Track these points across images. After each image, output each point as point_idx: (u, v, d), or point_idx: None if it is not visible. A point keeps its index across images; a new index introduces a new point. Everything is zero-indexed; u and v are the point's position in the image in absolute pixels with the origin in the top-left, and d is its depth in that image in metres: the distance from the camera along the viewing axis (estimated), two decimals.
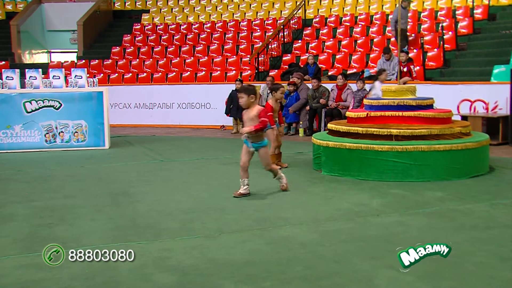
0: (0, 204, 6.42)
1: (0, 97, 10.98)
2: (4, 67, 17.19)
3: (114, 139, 12.02)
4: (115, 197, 6.68)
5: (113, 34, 20.50)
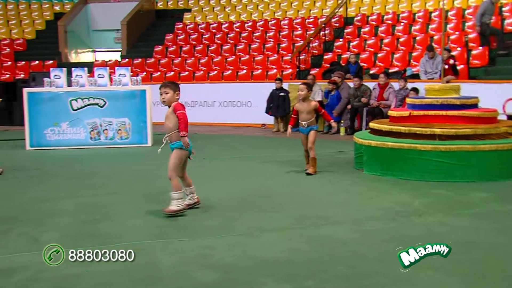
0: (48, 200, 6.55)
1: (48, 95, 11.24)
2: (52, 66, 17.58)
3: (157, 137, 12.12)
4: (157, 195, 6.74)
5: (156, 33, 20.71)
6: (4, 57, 19.85)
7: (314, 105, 7.95)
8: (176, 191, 5.65)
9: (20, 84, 16.35)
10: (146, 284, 3.85)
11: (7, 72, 19.24)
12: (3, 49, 20.22)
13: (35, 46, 20.56)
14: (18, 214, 5.88)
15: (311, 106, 7.94)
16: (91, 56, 23.16)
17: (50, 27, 21.21)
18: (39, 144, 11.18)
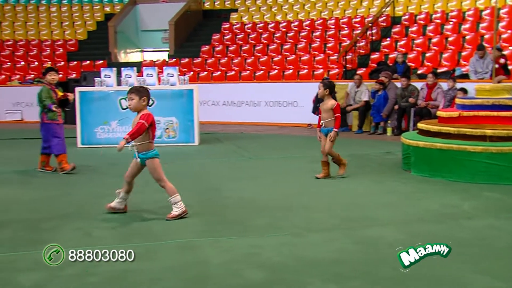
0: (100, 196, 6.71)
1: (99, 95, 11.50)
2: (102, 66, 17.95)
3: (203, 136, 12.28)
4: (205, 193, 6.83)
5: (203, 33, 20.90)
6: (57, 57, 20.39)
7: (330, 105, 7.57)
8: (173, 195, 5.59)
9: (72, 83, 16.75)
10: (196, 281, 3.91)
11: (60, 72, 19.66)
12: (56, 49, 20.76)
13: (86, 47, 21.03)
14: (73, 209, 6.06)
15: (327, 105, 7.60)
16: (140, 56, 23.54)
17: (101, 27, 21.66)
18: (89, 142, 11.44)
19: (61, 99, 8.48)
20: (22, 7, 22.80)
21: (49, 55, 20.46)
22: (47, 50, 20.72)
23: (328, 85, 7.65)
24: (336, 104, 7.56)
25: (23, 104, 17.93)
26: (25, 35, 21.48)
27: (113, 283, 3.90)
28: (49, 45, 20.97)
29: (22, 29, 21.67)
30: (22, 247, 4.70)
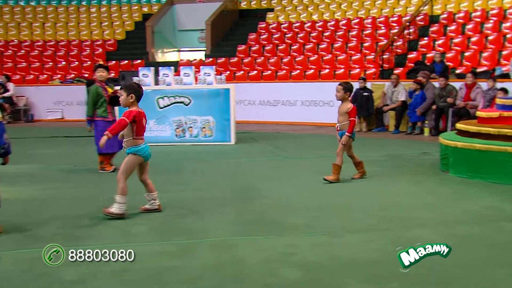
0: (137, 194, 6.79)
1: None
2: (140, 65, 18.15)
3: (240, 135, 12.32)
4: (242, 192, 6.86)
5: (239, 33, 20.97)
6: (96, 57, 20.72)
7: (346, 108, 7.30)
8: (121, 194, 5.60)
9: (110, 83, 17.02)
10: (233, 280, 3.94)
11: None
12: (96, 49, 21.11)
13: (124, 46, 21.31)
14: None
15: (343, 108, 7.35)
16: (176, 55, 23.75)
17: (139, 27, 21.92)
18: None
19: (112, 96, 8.41)
20: (64, 8, 23.23)
21: (88, 55, 20.81)
22: (86, 50, 21.09)
23: (349, 88, 7.40)
24: (352, 107, 7.32)
25: (63, 103, 18.30)
26: (66, 36, 21.89)
27: (152, 280, 3.95)
28: (88, 45, 21.33)
29: (63, 30, 22.09)
30: (64, 243, 4.79)
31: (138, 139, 5.71)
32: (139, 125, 5.69)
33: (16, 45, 21.26)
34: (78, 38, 21.76)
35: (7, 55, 20.86)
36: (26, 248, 4.67)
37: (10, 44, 21.29)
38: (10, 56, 20.85)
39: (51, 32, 22.03)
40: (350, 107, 7.31)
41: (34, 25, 22.24)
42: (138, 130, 5.69)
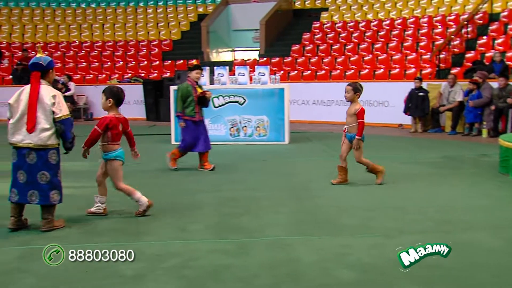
0: (193, 192, 6.92)
1: None
2: None
3: (293, 135, 12.33)
4: (296, 191, 6.88)
5: (293, 33, 20.95)
6: (153, 57, 21.11)
7: (354, 110, 7.17)
8: (130, 194, 5.72)
9: (167, 82, 17.34)
10: (289, 279, 3.96)
11: (155, 70, 20.45)
12: (152, 49, 21.50)
13: (180, 46, 21.62)
14: (167, 204, 6.27)
15: (352, 110, 7.21)
16: (231, 55, 23.94)
17: (194, 27, 22.19)
18: None
19: (200, 97, 8.45)
20: (122, 9, 23.76)
21: (145, 55, 21.22)
22: (143, 50, 21.49)
23: (358, 89, 7.26)
24: (360, 108, 7.17)
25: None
26: (124, 36, 22.38)
27: (209, 277, 4.02)
28: (145, 45, 21.74)
29: (121, 31, 22.59)
30: (122, 238, 4.94)
31: (114, 144, 5.72)
32: (115, 131, 5.70)
33: (77, 46, 21.88)
34: (135, 38, 22.21)
35: (69, 56, 21.49)
36: (87, 242, 4.82)
37: (72, 45, 21.91)
38: (72, 56, 21.48)
39: (109, 33, 22.57)
40: (359, 108, 7.15)
41: (94, 26, 22.83)
42: (114, 136, 5.72)
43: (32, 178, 5.10)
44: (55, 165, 5.20)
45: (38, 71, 5.21)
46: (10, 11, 23.62)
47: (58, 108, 5.15)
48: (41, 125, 5.08)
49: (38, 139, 5.07)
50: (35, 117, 5.07)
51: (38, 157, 5.09)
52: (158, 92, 17.76)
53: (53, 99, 5.13)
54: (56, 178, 5.20)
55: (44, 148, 5.10)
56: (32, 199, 5.14)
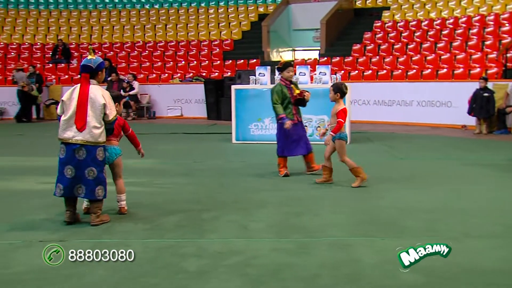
0: (254, 191, 6.96)
1: (253, 92, 11.87)
2: (256, 65, 18.46)
3: (354, 135, 12.20)
4: (356, 192, 6.81)
5: (354, 32, 20.74)
6: (214, 57, 21.34)
7: (335, 110, 7.23)
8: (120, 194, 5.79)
9: (227, 81, 17.50)
10: (350, 280, 3.93)
11: (216, 70, 20.66)
12: (213, 49, 21.73)
13: (240, 46, 21.75)
14: (230, 202, 6.34)
15: (333, 110, 7.29)
16: (291, 54, 23.93)
17: (255, 27, 22.28)
18: (244, 138, 11.85)
19: (298, 98, 8.15)
20: (184, 10, 24.14)
21: (206, 55, 21.46)
22: (205, 49, 21.74)
23: (339, 88, 7.24)
24: (341, 108, 7.20)
25: (183, 101, 19.03)
26: (186, 36, 22.71)
27: (271, 276, 4.03)
28: (206, 45, 21.99)
29: (183, 31, 22.95)
30: (187, 235, 5.02)
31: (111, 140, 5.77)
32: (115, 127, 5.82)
33: (141, 46, 22.34)
34: (197, 38, 22.50)
35: (133, 56, 21.97)
36: (152, 238, 4.93)
37: (136, 46, 22.40)
38: (136, 56, 21.96)
39: (172, 33, 22.95)
40: (339, 108, 7.20)
41: (157, 26, 23.26)
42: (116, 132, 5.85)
43: (80, 173, 5.28)
44: (101, 161, 5.37)
45: (88, 73, 5.38)
46: (79, 14, 24.38)
47: (109, 109, 5.34)
48: (92, 124, 5.25)
49: (89, 136, 5.25)
50: (86, 115, 5.24)
51: (87, 153, 5.27)
52: (219, 91, 17.93)
53: (104, 100, 5.32)
54: (101, 174, 5.37)
55: (94, 144, 5.29)
56: (78, 192, 5.34)
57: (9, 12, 24.40)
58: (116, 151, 5.74)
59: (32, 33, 23.44)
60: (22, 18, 24.18)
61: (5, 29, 23.59)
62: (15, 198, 6.55)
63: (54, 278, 4.01)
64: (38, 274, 4.08)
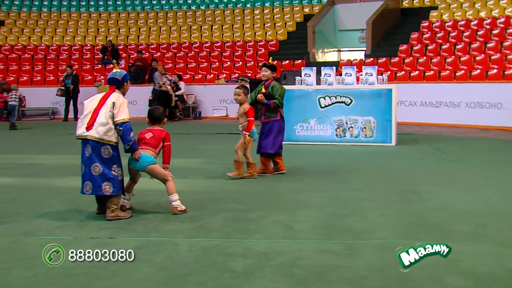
0: (298, 191, 6.94)
1: (299, 93, 11.84)
2: (301, 65, 18.44)
3: (400, 136, 12.04)
4: (403, 194, 6.70)
5: (401, 32, 20.46)
6: (259, 57, 21.39)
7: (243, 109, 7.67)
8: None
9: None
10: (398, 283, 3.88)
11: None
12: (259, 50, 21.80)
13: (286, 46, 21.76)
14: (275, 202, 6.34)
15: (241, 110, 7.71)
16: (336, 55, 23.78)
17: (300, 28, 22.24)
18: (289, 139, 11.76)
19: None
20: (230, 11, 24.30)
21: (252, 55, 21.56)
22: (250, 50, 21.84)
23: (247, 91, 7.82)
24: (249, 108, 7.65)
25: (228, 101, 19.14)
26: (231, 37, 22.85)
27: (317, 278, 4.01)
28: (252, 45, 22.08)
29: (229, 32, 23.10)
30: (233, 235, 5.05)
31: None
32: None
33: (187, 46, 22.59)
34: (242, 39, 22.60)
35: (179, 56, 22.24)
36: (199, 237, 4.97)
37: (182, 46, 22.67)
38: (182, 57, 22.22)
39: (218, 34, 23.12)
40: (247, 108, 7.64)
41: (203, 27, 23.48)
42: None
43: (88, 170, 5.50)
44: (107, 159, 5.50)
45: (114, 84, 5.70)
46: (127, 15, 24.84)
47: (117, 111, 5.49)
48: (100, 120, 5.46)
49: (95, 132, 5.45)
50: (97, 115, 5.48)
51: (92, 149, 5.47)
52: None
53: (115, 101, 5.51)
54: (109, 171, 5.50)
55: (98, 141, 5.44)
56: (86, 189, 5.54)
57: (61, 15, 25.11)
58: (147, 159, 5.75)
59: (82, 35, 24.00)
60: (74, 20, 24.85)
61: (58, 31, 24.25)
62: (64, 196, 6.71)
63: (103, 273, 4.09)
64: (87, 269, 4.16)
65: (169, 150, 5.96)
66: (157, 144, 5.89)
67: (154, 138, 5.88)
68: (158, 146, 5.90)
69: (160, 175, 5.84)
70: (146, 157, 5.76)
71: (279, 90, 8.11)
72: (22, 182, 7.75)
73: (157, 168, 5.83)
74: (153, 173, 5.83)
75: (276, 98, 8.06)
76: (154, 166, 5.79)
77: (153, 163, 5.79)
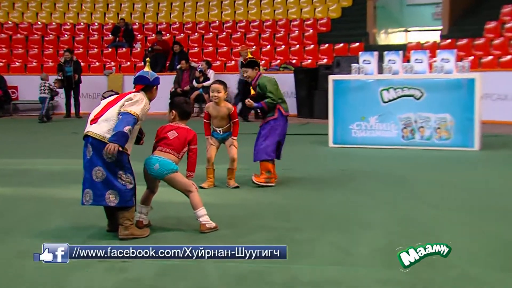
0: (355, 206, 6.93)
1: (356, 84, 11.80)
2: (358, 49, 18.38)
3: (486, 139, 11.86)
4: (491, 213, 6.60)
5: (487, 6, 20.19)
6: (306, 40, 21.37)
7: (227, 109, 7.98)
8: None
9: (323, 70, 17.49)
10: None
11: (309, 56, 20.66)
12: (306, 30, 21.77)
13: (340, 26, 21.66)
14: (324, 220, 6.37)
15: (224, 110, 8.00)
16: (403, 36, 23.63)
17: (357, 3, 22.14)
18: (343, 141, 11.80)
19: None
20: None
21: (297, 37, 21.50)
22: (295, 31, 21.80)
23: (227, 88, 8.14)
24: (233, 108, 8.12)
25: None
26: (271, 15, 22.82)
27: None
28: (297, 25, 22.05)
29: (269, 8, 23.07)
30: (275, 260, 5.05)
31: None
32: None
33: (217, 26, 22.64)
34: (285, 17, 22.60)
35: (208, 38, 22.25)
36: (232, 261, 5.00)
37: (211, 26, 22.73)
38: (211, 39, 22.22)
39: (255, 11, 23.09)
40: (232, 109, 8.09)
41: (237, 3, 23.54)
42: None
43: (89, 175, 5.53)
44: (112, 163, 5.47)
45: (142, 85, 5.75)
46: None
47: (128, 103, 5.54)
48: (104, 117, 5.52)
49: (97, 129, 5.49)
50: (106, 111, 5.56)
51: (93, 149, 5.48)
52: (313, 82, 17.94)
53: (133, 97, 5.59)
54: (113, 178, 5.49)
55: (100, 140, 5.46)
56: (86, 199, 5.57)
57: None
58: (168, 165, 5.79)
59: (88, 11, 24.30)
60: None
61: (58, 6, 24.50)
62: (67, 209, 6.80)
63: None
64: None
65: (195, 155, 6.01)
66: (181, 147, 5.92)
67: (179, 139, 5.90)
68: (182, 149, 5.93)
69: (183, 185, 5.88)
70: (167, 163, 5.80)
71: (267, 86, 8.14)
72: (16, 192, 7.93)
73: (178, 177, 5.86)
74: (174, 183, 5.87)
75: (268, 96, 8.11)
76: (175, 174, 5.83)
77: (175, 171, 5.84)
